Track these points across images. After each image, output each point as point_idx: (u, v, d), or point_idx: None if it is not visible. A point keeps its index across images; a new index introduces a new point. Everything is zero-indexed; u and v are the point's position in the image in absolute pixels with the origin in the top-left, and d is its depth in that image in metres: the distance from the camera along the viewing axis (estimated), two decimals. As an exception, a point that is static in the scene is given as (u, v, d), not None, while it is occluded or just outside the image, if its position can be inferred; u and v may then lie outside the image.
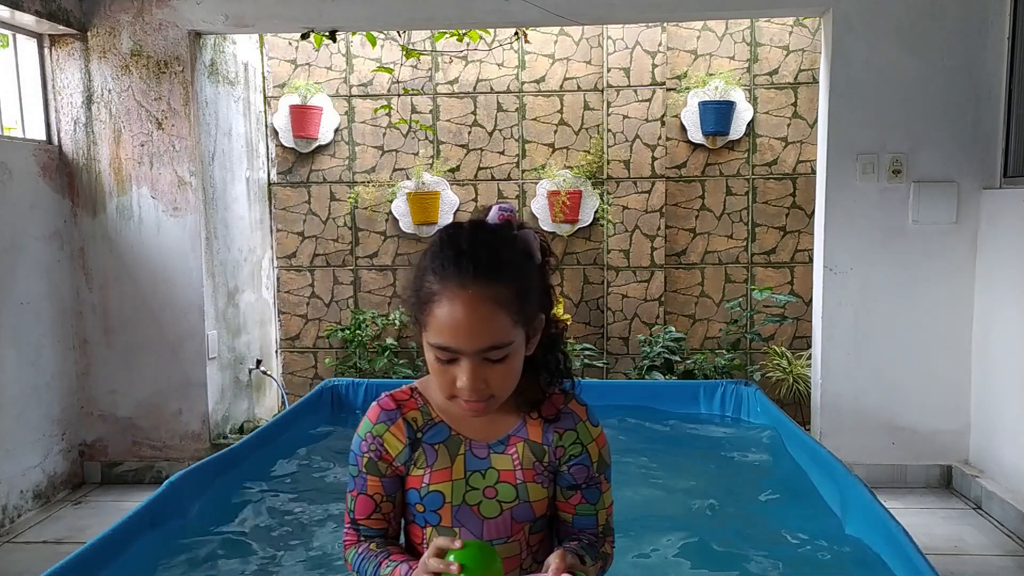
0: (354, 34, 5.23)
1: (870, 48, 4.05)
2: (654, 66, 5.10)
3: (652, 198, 5.18)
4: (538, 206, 5.28)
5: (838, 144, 4.12)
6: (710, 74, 5.12)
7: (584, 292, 5.38)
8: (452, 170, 5.36)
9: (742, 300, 5.18)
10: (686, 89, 5.13)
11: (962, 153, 4.05)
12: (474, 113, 5.34)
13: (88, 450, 4.47)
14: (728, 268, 5.29)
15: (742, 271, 5.28)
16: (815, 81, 4.99)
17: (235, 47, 4.92)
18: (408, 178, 5.33)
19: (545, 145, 5.32)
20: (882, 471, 4.14)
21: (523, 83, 5.30)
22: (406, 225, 5.33)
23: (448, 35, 5.07)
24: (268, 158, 5.42)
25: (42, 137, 4.33)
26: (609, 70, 5.15)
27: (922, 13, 4.01)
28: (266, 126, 5.39)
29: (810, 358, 4.56)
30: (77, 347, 4.43)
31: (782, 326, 5.17)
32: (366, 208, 5.40)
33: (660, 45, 5.10)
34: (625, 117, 5.15)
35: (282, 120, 5.34)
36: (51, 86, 4.36)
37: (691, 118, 5.15)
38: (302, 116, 5.26)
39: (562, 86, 5.28)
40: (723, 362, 4.93)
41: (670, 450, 3.87)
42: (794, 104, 5.15)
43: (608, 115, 5.17)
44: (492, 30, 5.11)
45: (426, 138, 5.36)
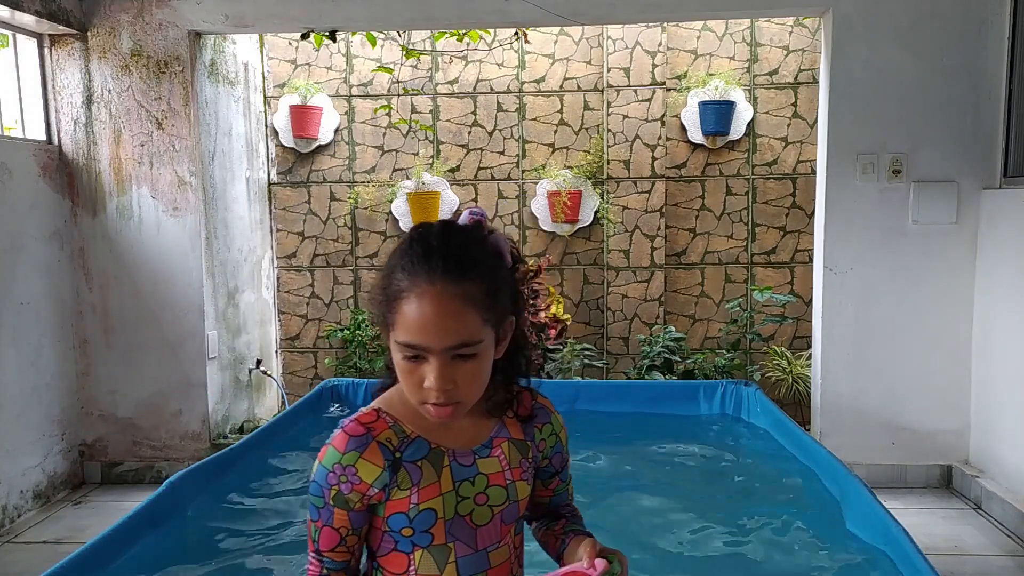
0: (354, 34, 5.23)
1: (870, 48, 4.05)
2: (654, 66, 5.10)
3: (652, 198, 5.18)
4: (538, 206, 5.28)
5: (838, 144, 4.12)
6: (710, 74, 5.12)
7: (584, 292, 5.38)
8: (452, 170, 5.36)
9: (742, 300, 5.18)
10: (686, 89, 5.13)
11: (962, 153, 4.05)
12: (474, 113, 5.34)
13: (88, 450, 4.47)
14: (728, 268, 5.29)
15: (742, 271, 5.28)
16: (815, 81, 4.99)
17: (235, 47, 4.92)
18: (408, 178, 5.33)
19: (545, 145, 5.32)
20: (882, 471, 4.14)
21: (523, 83, 5.30)
22: (406, 225, 5.33)
23: (448, 35, 5.07)
24: (268, 158, 5.42)
25: (42, 137, 4.33)
26: (609, 70, 5.15)
27: (922, 13, 4.01)
28: (266, 126, 5.39)
29: (810, 358, 4.56)
30: (77, 347, 4.43)
31: (782, 326, 5.17)
32: (366, 208, 5.40)
33: (660, 45, 5.10)
34: (625, 117, 5.15)
35: (282, 120, 5.34)
36: (51, 86, 4.36)
37: (691, 118, 5.15)
38: (302, 116, 5.26)
39: (562, 86, 5.28)
40: (723, 362, 4.93)
41: (670, 450, 3.87)
42: (794, 104, 5.15)
43: (608, 115, 5.17)
44: (492, 30, 5.11)
45: (426, 138, 5.36)
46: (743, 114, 5.12)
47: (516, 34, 5.15)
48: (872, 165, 4.09)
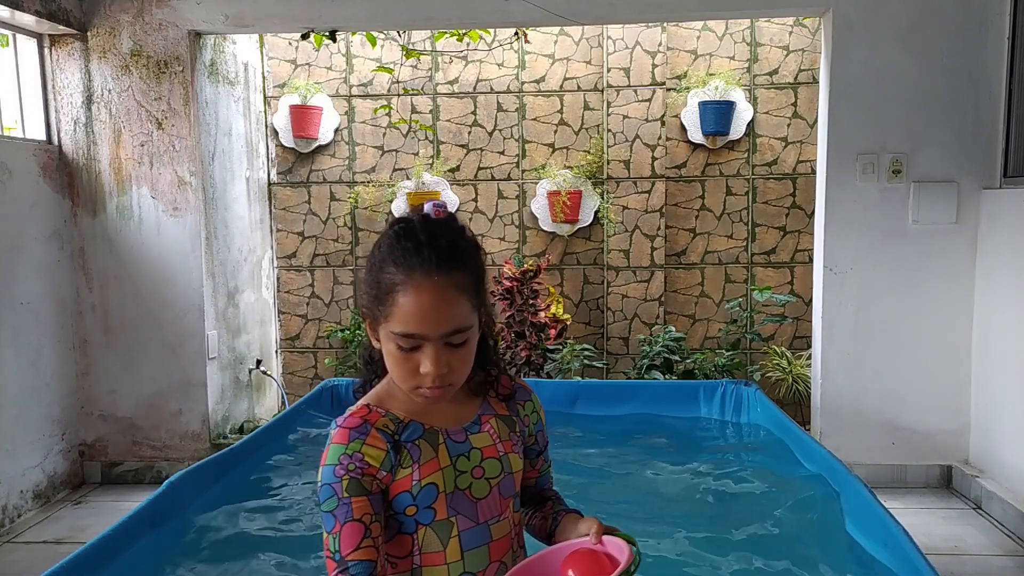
0: (354, 34, 5.23)
1: (870, 48, 4.05)
2: (654, 66, 5.10)
3: (652, 198, 5.18)
4: (538, 206, 5.28)
5: (838, 144, 4.12)
6: (710, 74, 5.11)
7: (584, 292, 5.38)
8: (452, 170, 5.36)
9: (742, 300, 5.18)
10: (686, 89, 5.13)
11: (962, 153, 4.05)
12: (474, 113, 5.34)
13: (88, 450, 4.47)
14: (728, 268, 5.29)
15: (742, 271, 5.28)
16: (815, 81, 4.99)
17: (235, 47, 4.92)
18: (408, 178, 5.33)
19: (545, 145, 5.32)
20: (882, 471, 4.14)
21: (523, 83, 5.30)
22: (406, 225, 5.32)
23: (448, 35, 5.07)
24: (268, 158, 5.42)
25: (42, 137, 4.33)
26: (609, 70, 5.15)
27: (922, 13, 4.01)
28: (266, 126, 5.39)
29: (810, 358, 4.56)
30: (77, 347, 4.43)
31: (782, 326, 5.17)
32: (366, 208, 5.40)
33: (660, 45, 5.09)
34: (625, 117, 5.15)
35: (282, 120, 5.34)
36: (51, 86, 4.36)
37: (691, 118, 5.14)
38: (302, 116, 5.26)
39: (562, 86, 5.27)
40: (723, 362, 4.92)
41: (670, 450, 3.87)
42: (794, 104, 5.15)
43: (608, 115, 5.16)
44: (492, 30, 5.10)
45: (426, 138, 5.36)
46: (743, 114, 5.12)
47: (516, 34, 5.14)
48: (872, 165, 4.09)
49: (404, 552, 1.38)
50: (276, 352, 5.55)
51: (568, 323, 5.07)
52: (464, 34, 5.01)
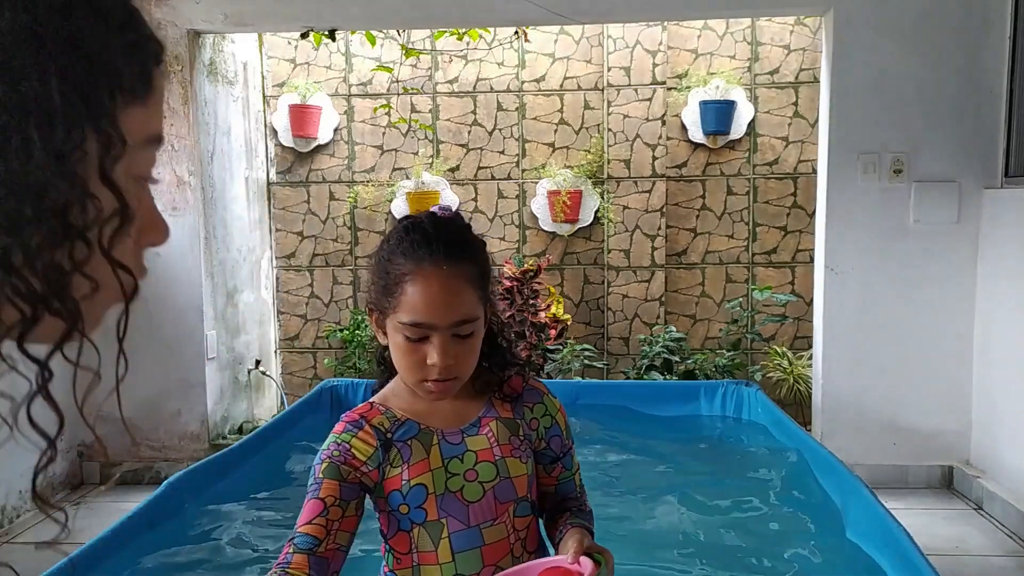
0: (353, 33, 5.22)
1: (871, 48, 4.04)
2: (655, 65, 5.09)
3: (653, 198, 5.17)
4: (538, 206, 5.27)
5: (839, 144, 4.11)
6: (711, 73, 5.10)
7: (584, 292, 5.37)
8: (452, 169, 5.34)
9: (743, 300, 5.17)
10: (687, 88, 5.12)
11: (963, 153, 4.04)
12: (474, 112, 5.33)
13: (87, 451, 4.46)
14: (729, 268, 5.27)
15: (743, 271, 5.27)
16: (816, 80, 4.97)
17: (234, 46, 4.90)
18: (408, 177, 5.32)
19: (545, 144, 5.31)
20: (883, 471, 4.12)
21: (523, 82, 5.28)
22: (406, 225, 5.31)
23: (448, 34, 5.05)
24: (267, 157, 5.41)
25: (41, 136, 4.31)
26: (609, 69, 5.13)
27: (924, 12, 4.00)
28: (265, 125, 5.38)
29: (811, 358, 4.55)
30: (76, 347, 4.40)
31: (783, 326, 5.16)
32: (365, 208, 5.39)
33: (661, 44, 5.08)
34: (625, 116, 5.14)
35: (281, 119, 5.33)
36: (50, 85, 4.34)
37: (692, 117, 5.13)
38: (301, 115, 5.25)
39: (562, 85, 5.26)
40: (724, 362, 4.91)
41: (669, 450, 3.86)
42: (795, 103, 5.14)
43: (608, 114, 5.15)
44: (492, 29, 5.09)
45: (425, 137, 5.35)
46: (744, 113, 5.11)
47: (516, 33, 5.13)
48: (873, 165, 4.08)
49: (405, 549, 1.41)
50: (275, 352, 5.54)
51: (568, 323, 5.06)
52: (464, 33, 5.00)
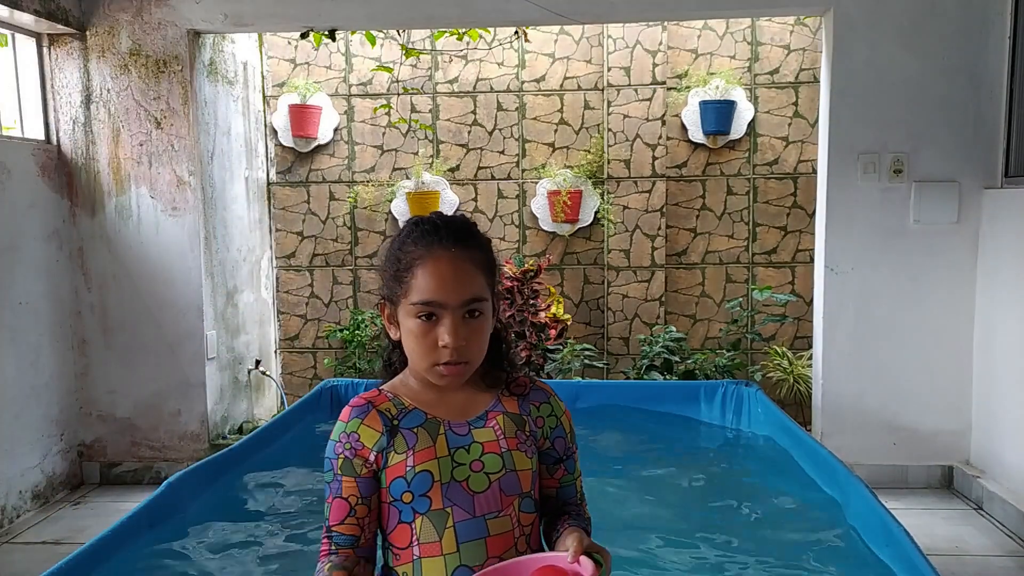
0: (353, 33, 5.22)
1: (871, 47, 4.04)
2: (655, 65, 5.09)
3: (653, 198, 5.17)
4: (538, 205, 5.27)
5: (839, 144, 4.11)
6: (711, 73, 5.10)
7: (584, 292, 5.37)
8: (452, 169, 5.35)
9: (743, 300, 5.17)
10: (687, 88, 5.12)
11: (963, 153, 4.04)
12: (474, 112, 5.33)
13: (87, 450, 4.46)
14: (729, 268, 5.28)
15: (743, 271, 5.27)
16: (816, 80, 4.98)
17: (234, 46, 4.91)
18: (408, 177, 5.32)
19: (545, 144, 5.31)
20: (883, 471, 4.12)
21: (523, 82, 5.29)
22: (406, 225, 5.31)
23: (448, 34, 5.06)
24: (267, 158, 5.41)
25: (41, 137, 4.32)
26: (609, 69, 5.14)
27: (923, 12, 4.00)
28: (265, 125, 5.38)
29: (811, 358, 4.55)
30: (76, 347, 4.41)
31: (783, 326, 5.16)
32: (365, 208, 5.39)
33: (661, 44, 5.09)
34: (625, 116, 5.14)
35: (281, 119, 5.33)
36: (50, 85, 4.34)
37: (692, 117, 5.13)
38: (301, 115, 5.25)
39: (562, 85, 5.26)
40: (724, 362, 4.91)
41: (669, 450, 3.86)
42: (795, 103, 5.14)
43: (608, 114, 5.15)
44: (492, 29, 5.09)
45: (426, 137, 5.35)
46: (744, 113, 5.11)
47: (516, 33, 5.13)
48: (873, 165, 4.08)
49: (405, 543, 1.42)
50: (275, 352, 5.54)
51: (568, 323, 5.06)
52: (464, 33, 5.00)
